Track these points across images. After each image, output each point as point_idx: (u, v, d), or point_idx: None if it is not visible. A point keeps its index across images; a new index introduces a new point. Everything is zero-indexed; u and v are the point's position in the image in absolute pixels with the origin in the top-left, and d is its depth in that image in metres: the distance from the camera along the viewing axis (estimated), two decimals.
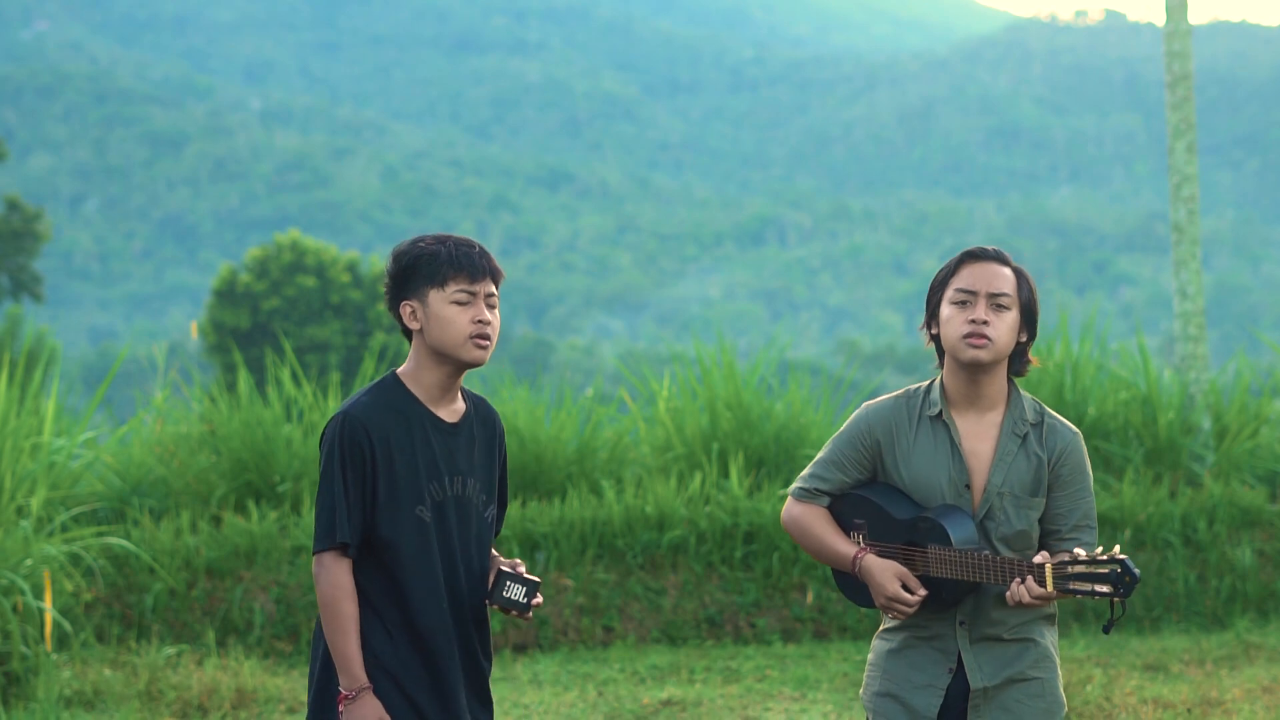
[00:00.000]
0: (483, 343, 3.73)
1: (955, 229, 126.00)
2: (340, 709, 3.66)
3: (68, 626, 7.81)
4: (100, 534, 8.59)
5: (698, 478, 9.28)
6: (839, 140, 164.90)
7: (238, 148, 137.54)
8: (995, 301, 3.90)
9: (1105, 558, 3.64)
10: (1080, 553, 3.66)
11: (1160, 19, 18.90)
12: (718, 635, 8.79)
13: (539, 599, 3.80)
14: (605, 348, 79.33)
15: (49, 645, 7.53)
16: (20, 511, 8.14)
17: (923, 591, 3.85)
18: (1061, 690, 3.96)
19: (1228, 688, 7.40)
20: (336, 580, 3.66)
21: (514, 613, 3.77)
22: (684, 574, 8.91)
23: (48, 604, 7.56)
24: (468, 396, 3.86)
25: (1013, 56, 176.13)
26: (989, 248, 3.99)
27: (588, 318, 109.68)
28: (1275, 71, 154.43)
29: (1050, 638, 3.96)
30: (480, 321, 3.72)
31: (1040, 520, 3.92)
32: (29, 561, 7.59)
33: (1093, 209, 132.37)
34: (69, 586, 7.99)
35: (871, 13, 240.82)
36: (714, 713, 7.30)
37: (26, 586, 7.44)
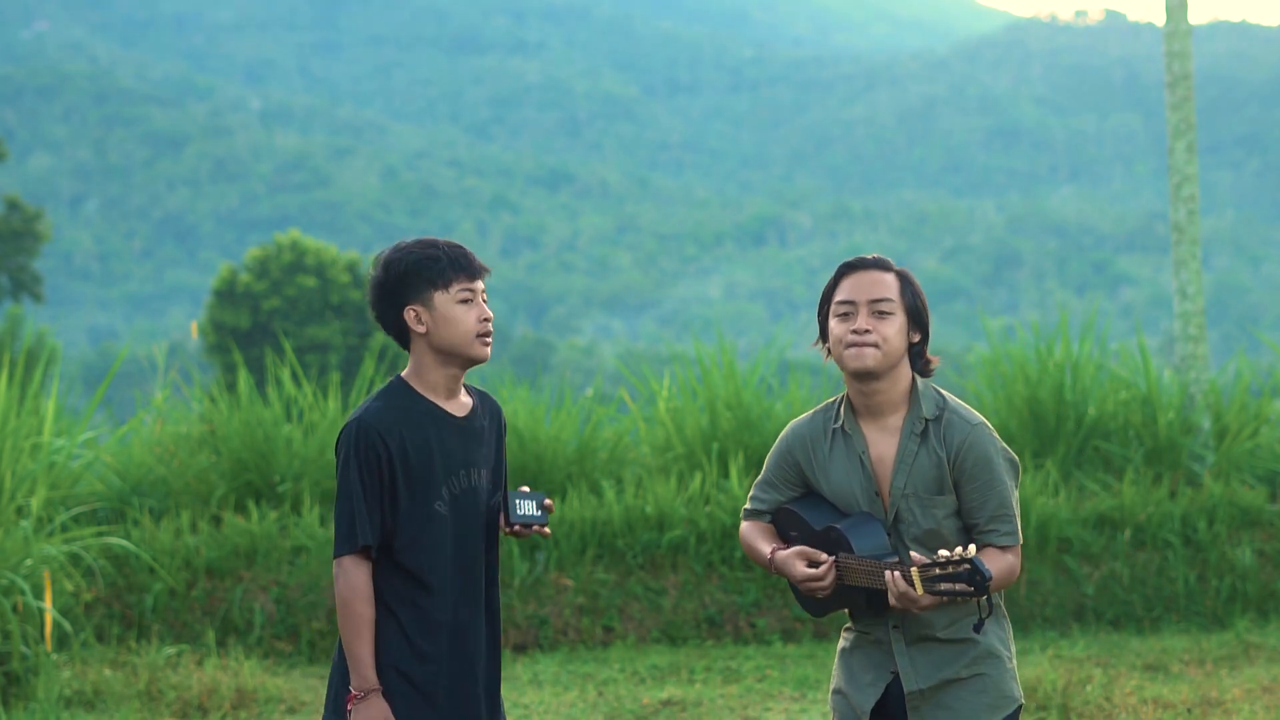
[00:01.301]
0: (488, 339, 3.83)
1: (955, 229, 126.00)
2: (349, 708, 3.73)
3: (68, 626, 7.81)
4: (100, 534, 8.59)
5: (698, 478, 9.28)
6: (839, 140, 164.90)
7: (238, 148, 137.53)
8: (876, 309, 3.89)
9: (957, 559, 3.62)
10: (943, 554, 3.65)
11: (1160, 19, 18.88)
12: (718, 635, 8.78)
13: (550, 503, 3.90)
14: (605, 348, 79.30)
15: (49, 645, 7.53)
16: (20, 511, 8.14)
17: (826, 557, 3.87)
18: (1013, 685, 3.94)
19: (1228, 688, 7.40)
20: (353, 583, 3.73)
21: (535, 527, 3.86)
22: (684, 574, 8.91)
23: (48, 604, 7.56)
24: (472, 391, 3.95)
25: (1013, 56, 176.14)
26: (868, 256, 3.99)
27: (588, 318, 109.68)
28: (1275, 71, 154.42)
29: (995, 633, 3.94)
30: (485, 319, 3.82)
31: (960, 515, 3.92)
32: (29, 561, 7.59)
33: (1093, 209, 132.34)
34: (69, 586, 7.99)
35: (871, 13, 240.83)
36: (714, 713, 7.30)
37: (26, 586, 7.44)
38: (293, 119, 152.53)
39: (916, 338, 3.95)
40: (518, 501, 3.84)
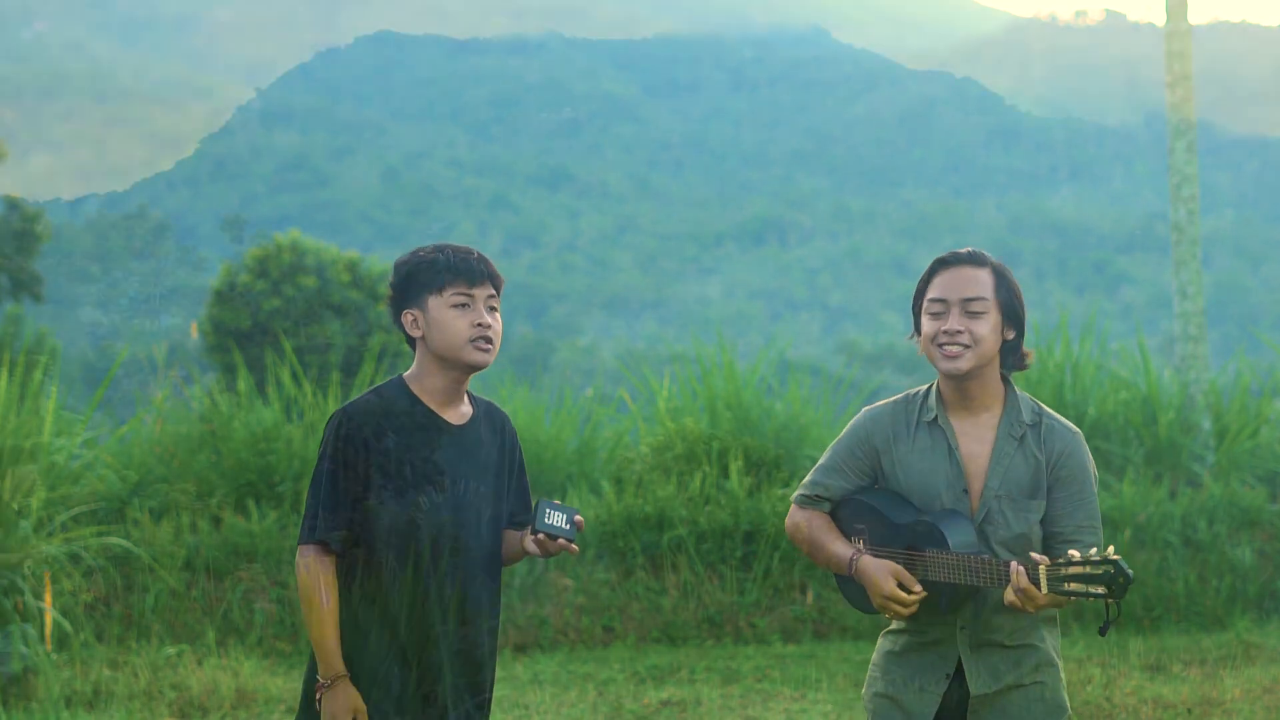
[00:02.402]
0: (484, 345, 3.77)
1: (955, 229, 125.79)
2: (317, 697, 3.70)
3: (68, 626, 7.80)
4: (100, 534, 8.59)
5: (698, 478, 9.27)
6: (839, 140, 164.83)
7: (238, 148, 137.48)
8: (968, 309, 3.83)
9: (1099, 559, 3.56)
10: (1074, 554, 3.59)
11: (1160, 19, 18.91)
12: (718, 635, 8.78)
13: (581, 519, 3.75)
14: (605, 348, 79.22)
15: (49, 645, 7.53)
16: (20, 511, 8.14)
17: (919, 589, 3.81)
18: (1064, 694, 3.93)
19: (1228, 688, 7.40)
20: (314, 573, 3.71)
21: (560, 540, 3.72)
22: (684, 574, 8.90)
23: (48, 604, 7.56)
24: (475, 401, 3.89)
25: (1013, 56, 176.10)
26: (963, 250, 3.93)
27: (588, 318, 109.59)
28: (1275, 71, 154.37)
29: (1051, 641, 3.92)
30: (480, 324, 3.75)
31: (1042, 522, 3.86)
32: (29, 561, 7.58)
33: (1093, 209, 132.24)
34: (69, 586, 7.99)
35: (871, 13, 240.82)
36: (714, 713, 7.30)
37: (26, 586, 7.44)
38: (293, 119, 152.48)
39: (1011, 334, 3.88)
40: (547, 510, 3.71)
